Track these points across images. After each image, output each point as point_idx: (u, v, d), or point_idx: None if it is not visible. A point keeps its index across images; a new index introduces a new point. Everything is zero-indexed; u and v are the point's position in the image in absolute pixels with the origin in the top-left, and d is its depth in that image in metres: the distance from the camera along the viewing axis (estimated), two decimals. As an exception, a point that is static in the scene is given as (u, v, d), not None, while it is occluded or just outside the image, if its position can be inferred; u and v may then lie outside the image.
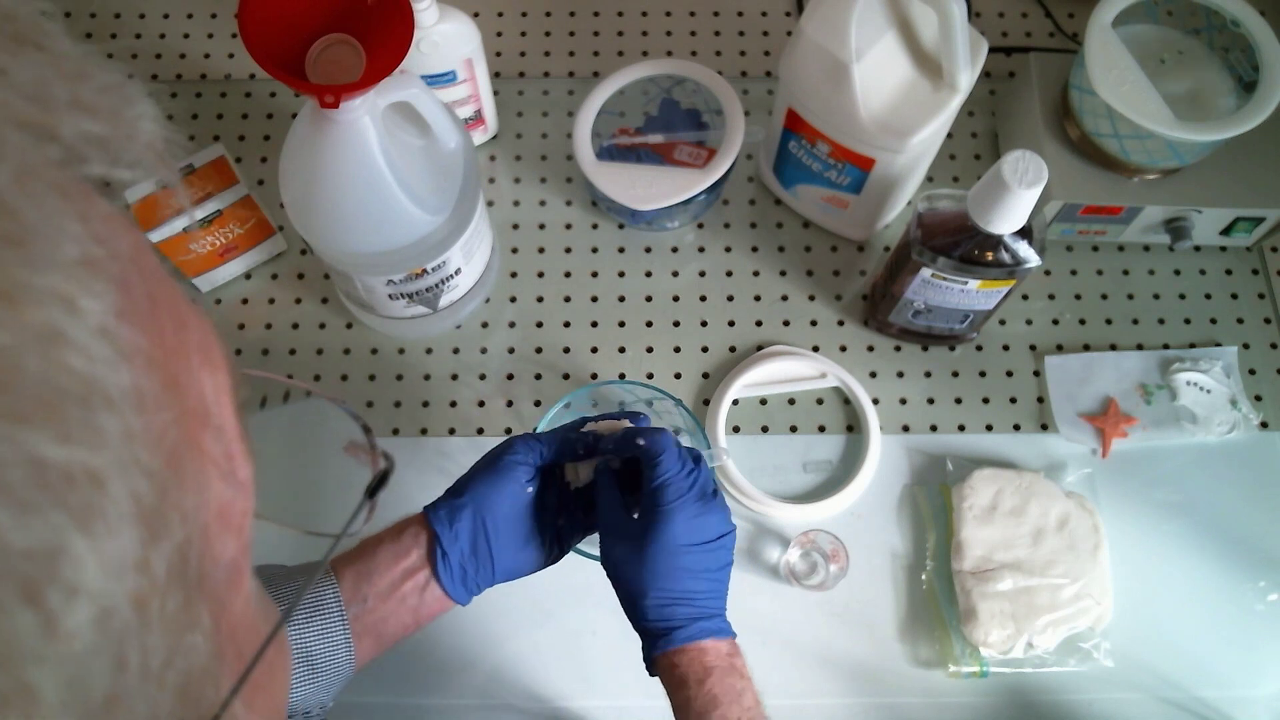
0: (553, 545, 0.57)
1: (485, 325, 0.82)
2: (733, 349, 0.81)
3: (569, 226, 0.86)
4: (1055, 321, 0.82)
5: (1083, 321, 0.82)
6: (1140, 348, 0.81)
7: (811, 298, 0.83)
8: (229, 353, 0.26)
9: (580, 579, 0.70)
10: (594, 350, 0.81)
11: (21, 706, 0.17)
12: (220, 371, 0.25)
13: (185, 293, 0.24)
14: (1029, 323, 0.82)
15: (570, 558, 0.59)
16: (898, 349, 0.81)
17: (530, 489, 0.56)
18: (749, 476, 0.75)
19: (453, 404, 0.79)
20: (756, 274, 0.84)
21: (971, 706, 0.70)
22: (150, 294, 0.21)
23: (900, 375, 0.81)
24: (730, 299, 0.83)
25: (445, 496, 0.56)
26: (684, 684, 0.51)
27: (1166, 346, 0.81)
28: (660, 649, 0.52)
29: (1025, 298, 0.83)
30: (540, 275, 0.84)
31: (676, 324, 0.82)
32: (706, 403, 0.79)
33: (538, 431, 0.59)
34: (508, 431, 0.78)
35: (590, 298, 0.83)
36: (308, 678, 0.50)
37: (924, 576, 0.73)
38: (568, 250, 0.85)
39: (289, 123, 0.67)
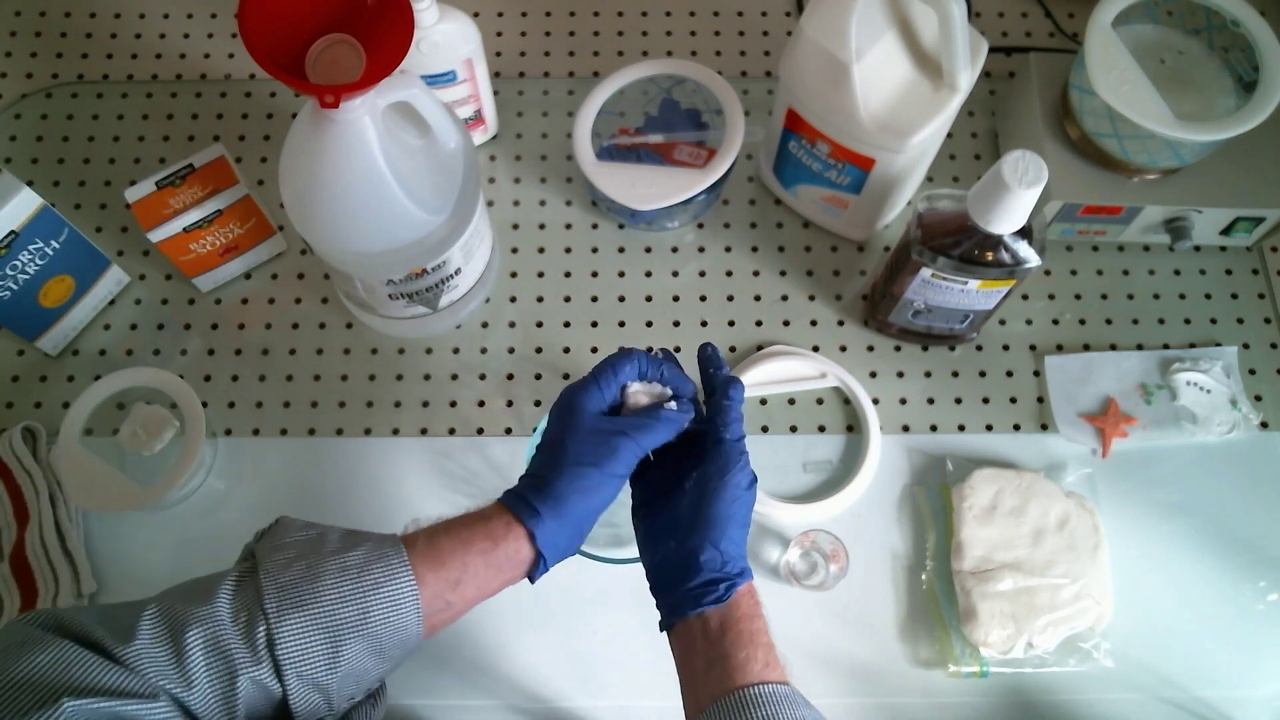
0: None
1: (485, 325, 0.82)
2: (733, 349, 0.81)
3: (569, 226, 0.86)
4: (1055, 321, 0.82)
5: (1083, 321, 0.82)
6: (1140, 348, 0.81)
7: (811, 298, 0.83)
8: None
9: (581, 580, 0.70)
10: (594, 350, 0.81)
11: None
12: None
13: None
14: (1029, 323, 0.82)
15: (575, 558, 0.59)
16: (898, 349, 0.81)
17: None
18: (749, 476, 0.75)
19: (453, 404, 0.79)
20: (756, 274, 0.84)
21: (971, 706, 0.70)
22: None
23: (900, 375, 0.81)
24: (730, 299, 0.83)
25: (548, 512, 0.52)
26: (736, 638, 0.51)
27: (1166, 346, 0.81)
28: (706, 605, 0.51)
29: (1025, 298, 0.83)
30: (540, 275, 0.84)
31: (676, 324, 0.82)
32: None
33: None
34: (508, 431, 0.78)
35: (590, 298, 0.83)
36: (378, 664, 0.49)
37: (924, 576, 0.73)
38: (568, 250, 0.85)
39: (289, 123, 0.67)
